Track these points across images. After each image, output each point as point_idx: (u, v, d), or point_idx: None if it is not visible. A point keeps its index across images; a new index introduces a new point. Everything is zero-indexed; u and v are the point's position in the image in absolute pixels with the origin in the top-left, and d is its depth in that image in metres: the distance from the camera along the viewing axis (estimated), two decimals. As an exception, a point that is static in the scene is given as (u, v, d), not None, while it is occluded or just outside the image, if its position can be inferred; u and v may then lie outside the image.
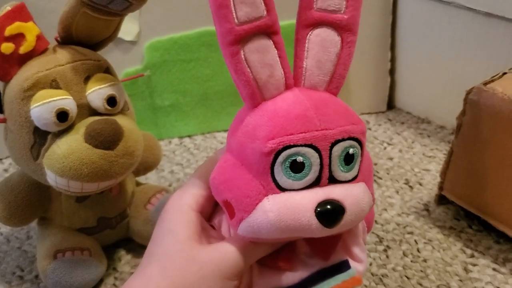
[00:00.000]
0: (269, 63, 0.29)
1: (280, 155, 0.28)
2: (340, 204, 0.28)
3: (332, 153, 0.28)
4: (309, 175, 0.28)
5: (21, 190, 0.43)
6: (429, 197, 0.55)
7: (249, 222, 0.28)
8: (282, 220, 0.27)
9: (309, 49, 0.30)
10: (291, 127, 0.28)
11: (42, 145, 0.38)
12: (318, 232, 0.28)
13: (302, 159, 0.28)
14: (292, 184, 0.28)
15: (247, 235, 0.29)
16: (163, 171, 0.61)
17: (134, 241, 0.49)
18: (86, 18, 0.38)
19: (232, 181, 0.29)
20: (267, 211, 0.28)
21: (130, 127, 0.40)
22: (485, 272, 0.46)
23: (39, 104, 0.37)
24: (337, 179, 0.29)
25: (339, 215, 0.28)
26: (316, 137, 0.28)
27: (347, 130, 0.29)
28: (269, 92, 0.29)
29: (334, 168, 0.28)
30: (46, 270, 0.42)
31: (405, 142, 0.65)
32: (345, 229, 0.29)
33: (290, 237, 0.29)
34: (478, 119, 0.46)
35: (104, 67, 0.40)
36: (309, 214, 0.27)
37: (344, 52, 0.30)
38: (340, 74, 0.31)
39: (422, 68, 0.67)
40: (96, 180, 0.38)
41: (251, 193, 0.28)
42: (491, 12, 0.56)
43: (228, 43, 0.28)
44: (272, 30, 0.28)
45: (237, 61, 0.28)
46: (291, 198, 0.28)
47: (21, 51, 0.38)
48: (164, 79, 0.65)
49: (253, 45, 0.28)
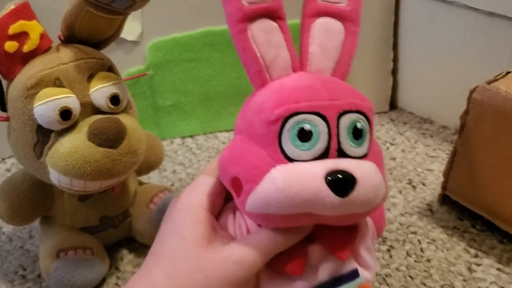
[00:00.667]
0: (275, 44, 0.30)
1: (287, 122, 0.27)
2: (351, 174, 0.27)
3: (340, 123, 0.28)
4: (318, 144, 0.27)
5: (24, 189, 0.43)
6: (432, 197, 0.55)
7: (257, 193, 0.27)
8: (291, 187, 0.26)
9: (314, 36, 0.31)
10: (298, 96, 0.28)
11: (45, 144, 0.38)
12: (329, 201, 0.26)
13: (310, 127, 0.27)
14: (300, 154, 0.27)
15: (256, 211, 0.28)
16: (165, 171, 0.61)
17: (136, 241, 0.49)
18: (89, 17, 0.38)
19: (241, 156, 0.29)
20: (276, 178, 0.27)
21: (133, 126, 0.40)
22: (489, 272, 0.45)
23: (42, 102, 0.37)
24: (346, 153, 0.28)
25: (350, 183, 0.27)
26: (323, 106, 0.28)
27: (354, 103, 0.29)
28: (276, 72, 0.30)
29: (343, 139, 0.28)
30: (49, 269, 0.42)
31: (408, 142, 0.65)
32: (359, 210, 0.28)
33: (301, 213, 0.27)
34: (482, 118, 0.46)
35: (107, 66, 0.40)
36: (319, 180, 0.26)
37: (348, 41, 0.31)
38: (345, 61, 0.31)
39: (424, 68, 0.67)
40: (99, 178, 0.38)
41: (259, 164, 0.28)
42: (494, 11, 0.56)
43: (237, 21, 0.29)
44: (277, 14, 0.30)
45: (245, 38, 0.29)
46: (300, 166, 0.27)
47: (25, 50, 0.38)
48: (166, 79, 0.65)
49: (260, 25, 0.29)
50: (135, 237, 0.49)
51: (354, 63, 0.32)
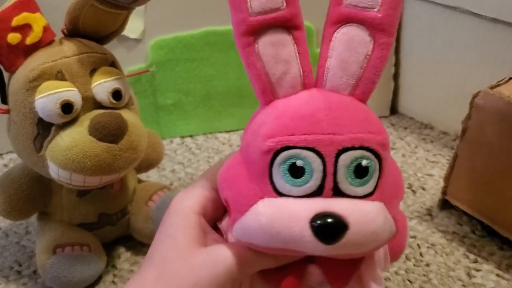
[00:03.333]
0: (285, 59, 0.27)
1: (278, 155, 0.25)
2: (342, 219, 0.24)
3: (339, 161, 0.25)
4: (310, 182, 0.25)
5: (22, 183, 0.42)
6: (432, 201, 0.55)
7: (242, 223, 0.26)
8: (273, 227, 0.25)
9: (334, 48, 0.27)
10: (294, 127, 0.25)
11: (46, 137, 0.38)
12: (312, 247, 0.25)
13: (303, 163, 0.25)
14: (290, 189, 0.25)
15: (241, 239, 0.27)
16: (164, 170, 0.61)
17: (134, 239, 0.48)
18: (93, 11, 0.38)
19: (232, 179, 0.28)
20: (260, 213, 0.25)
21: (135, 122, 0.40)
22: (488, 277, 0.45)
23: (44, 95, 0.36)
24: (344, 193, 0.25)
25: (338, 231, 0.24)
26: (320, 141, 0.25)
27: (359, 138, 0.25)
28: (283, 90, 0.27)
29: (341, 179, 0.25)
30: (45, 265, 0.42)
31: (408, 147, 0.65)
32: (353, 252, 0.26)
33: (286, 248, 0.26)
34: (484, 123, 0.45)
35: (110, 61, 0.40)
36: (303, 224, 0.24)
37: (375, 55, 0.27)
38: (370, 79, 0.27)
39: (426, 73, 0.67)
40: (99, 173, 0.38)
41: (247, 193, 0.26)
42: (497, 17, 0.56)
43: (241, 34, 0.26)
44: (291, 24, 0.27)
45: (249, 53, 0.26)
46: (287, 204, 0.25)
47: (28, 42, 0.38)
48: (168, 78, 0.65)
49: (269, 38, 0.26)
50: (133, 235, 0.48)
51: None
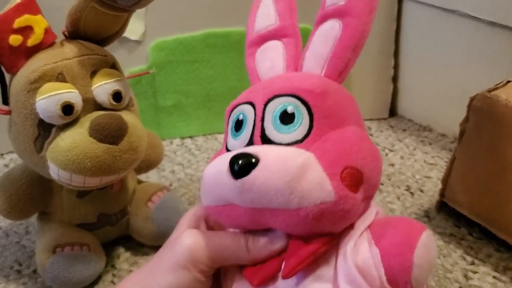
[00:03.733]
0: (271, 57, 0.32)
1: (230, 116, 0.30)
2: (252, 156, 0.25)
3: (267, 108, 0.27)
4: (243, 132, 0.28)
5: (23, 184, 0.43)
6: (429, 204, 0.55)
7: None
8: (205, 175, 0.28)
9: (312, 42, 0.31)
10: (246, 93, 0.30)
11: (46, 138, 0.38)
12: (228, 183, 0.26)
13: (242, 117, 0.28)
14: (234, 144, 0.29)
15: (205, 204, 0.30)
16: (164, 171, 0.61)
17: (133, 239, 0.49)
18: (94, 13, 0.38)
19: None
20: (207, 167, 0.29)
21: (135, 123, 0.40)
22: (485, 279, 0.45)
23: (44, 97, 0.37)
24: (272, 140, 0.26)
25: (248, 166, 0.25)
26: (256, 95, 0.28)
27: (288, 86, 0.27)
28: None
29: (267, 125, 0.27)
30: (45, 264, 0.42)
31: (407, 149, 0.65)
32: (273, 199, 0.25)
33: (224, 202, 0.27)
34: (481, 126, 0.46)
35: (110, 63, 0.41)
36: (223, 166, 0.26)
37: (342, 34, 0.29)
38: (338, 54, 0.29)
39: (425, 76, 0.68)
40: (99, 174, 0.38)
41: (217, 155, 0.30)
42: (495, 21, 0.56)
43: (246, 46, 0.34)
44: (281, 34, 0.33)
45: (250, 60, 0.33)
46: (223, 154, 0.28)
47: (29, 44, 0.38)
48: (168, 79, 0.65)
49: (265, 46, 0.33)
50: (132, 235, 0.48)
51: (354, 69, 0.30)
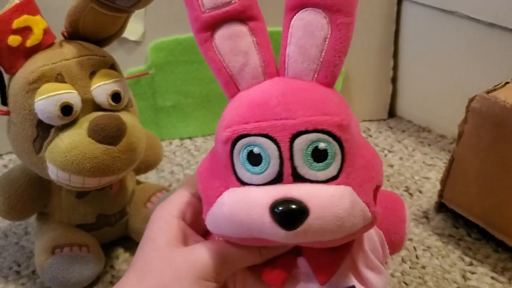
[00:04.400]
0: (243, 50, 0.27)
1: (236, 144, 0.26)
2: (301, 204, 0.24)
3: (294, 146, 0.25)
4: (268, 169, 0.25)
5: (22, 184, 0.43)
6: (428, 204, 0.55)
7: (210, 215, 0.27)
8: (235, 215, 0.25)
9: (292, 34, 0.27)
10: (249, 116, 0.26)
11: (45, 139, 0.38)
12: (274, 233, 0.24)
13: (259, 150, 0.25)
14: (251, 178, 0.26)
15: (213, 231, 0.28)
16: (163, 172, 0.61)
17: (132, 240, 0.49)
18: (93, 14, 0.38)
19: (203, 174, 0.28)
20: (223, 204, 0.26)
21: (134, 124, 0.40)
22: (483, 280, 0.45)
23: (43, 97, 0.37)
24: (305, 177, 0.25)
25: (298, 216, 0.24)
26: (273, 127, 0.25)
27: (312, 121, 0.25)
28: (246, 81, 0.28)
29: (299, 163, 0.25)
30: (44, 265, 0.42)
31: (406, 150, 0.66)
32: (319, 239, 0.25)
33: (253, 237, 0.26)
34: (480, 127, 0.46)
35: (109, 63, 0.41)
36: (262, 210, 0.24)
37: (334, 36, 0.26)
38: (331, 61, 0.27)
39: (424, 77, 0.68)
40: (98, 175, 0.38)
41: (214, 185, 0.27)
42: (494, 22, 0.56)
43: (197, 30, 0.27)
44: (245, 15, 0.27)
45: (207, 48, 0.27)
46: (248, 192, 0.25)
47: (28, 44, 0.38)
48: (167, 80, 0.65)
49: (225, 32, 0.27)
50: (131, 236, 0.48)
51: (353, 70, 0.29)
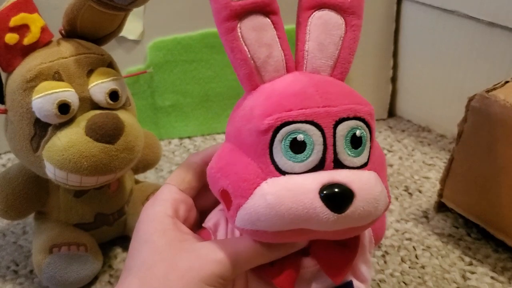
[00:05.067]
0: (267, 43, 0.27)
1: (278, 132, 0.25)
2: (348, 187, 0.25)
3: (337, 132, 0.26)
4: (312, 156, 0.25)
5: (19, 183, 0.42)
6: (428, 204, 0.55)
7: (247, 208, 0.26)
8: (282, 203, 0.25)
9: (311, 31, 0.29)
10: (290, 103, 0.26)
11: (43, 137, 0.38)
12: (324, 218, 0.24)
13: (303, 137, 0.25)
14: (293, 166, 0.25)
15: (246, 226, 0.26)
16: (162, 171, 0.61)
17: (130, 239, 0.48)
18: (91, 12, 0.38)
19: (229, 167, 0.27)
20: (266, 194, 0.25)
21: (131, 123, 0.40)
22: (483, 280, 0.45)
23: (41, 96, 0.37)
24: (344, 164, 0.26)
25: (347, 198, 0.25)
26: (317, 114, 0.25)
27: (352, 109, 0.26)
28: (268, 74, 0.28)
29: (340, 150, 0.26)
30: (41, 265, 0.42)
31: (405, 149, 0.65)
32: (359, 224, 0.26)
33: (294, 228, 0.26)
34: (480, 126, 0.46)
35: (107, 62, 0.40)
36: (313, 195, 0.24)
37: (349, 36, 0.29)
38: (345, 59, 0.29)
39: (423, 77, 0.68)
40: (96, 174, 0.38)
41: (249, 176, 0.26)
42: (494, 21, 0.56)
43: (224, 19, 0.27)
44: (269, 9, 0.27)
45: (233, 38, 0.27)
46: (292, 180, 0.25)
47: (25, 42, 0.38)
48: (166, 79, 0.65)
49: (250, 23, 0.27)
50: (129, 235, 0.48)
51: (353, 69, 0.29)
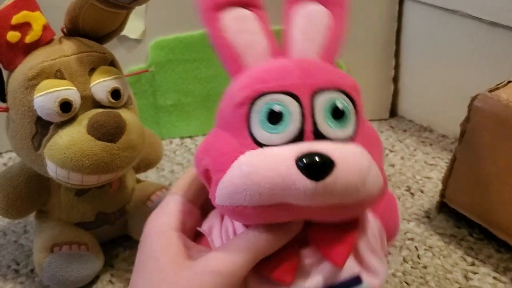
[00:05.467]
0: (249, 30, 0.28)
1: (254, 104, 0.25)
2: (327, 156, 0.24)
3: (315, 103, 0.26)
4: (289, 126, 0.25)
5: (21, 182, 0.42)
6: (430, 204, 0.55)
7: (225, 182, 0.25)
8: (257, 172, 0.24)
9: (297, 22, 0.29)
10: (268, 76, 0.26)
11: (44, 136, 0.38)
12: (302, 186, 0.24)
13: (280, 108, 0.25)
14: (270, 137, 0.25)
15: (225, 203, 0.26)
16: (163, 170, 0.61)
17: (132, 239, 0.48)
18: (93, 10, 0.38)
19: (210, 146, 0.27)
20: (242, 164, 0.25)
21: (133, 121, 0.40)
22: (485, 280, 0.45)
23: (42, 94, 0.37)
24: (326, 136, 0.25)
25: (325, 165, 0.24)
26: (294, 84, 0.26)
27: (333, 80, 0.26)
28: (252, 59, 0.28)
29: (320, 121, 0.25)
30: (42, 263, 0.42)
31: (407, 149, 0.65)
32: (345, 199, 0.25)
33: (274, 203, 0.25)
34: (482, 126, 0.46)
35: (109, 60, 0.40)
36: (289, 163, 0.24)
37: (334, 24, 0.29)
38: (332, 46, 0.29)
39: (425, 76, 0.67)
40: (97, 172, 0.38)
41: (227, 150, 0.26)
42: (496, 21, 0.56)
43: (207, 8, 0.28)
44: (252, 2, 0.29)
45: (216, 25, 0.28)
46: (269, 150, 0.25)
47: (27, 40, 0.38)
48: (168, 79, 0.65)
49: (232, 14, 0.28)
50: (131, 234, 0.48)
51: (355, 69, 0.30)
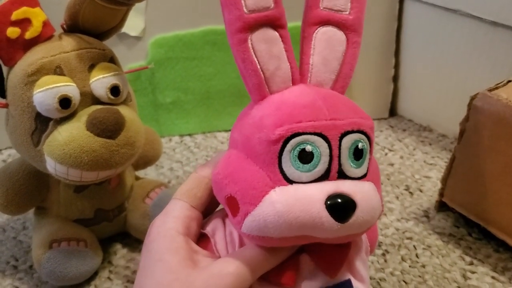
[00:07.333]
0: (276, 55, 0.29)
1: (288, 143, 0.27)
2: (351, 198, 0.26)
3: (342, 144, 0.27)
4: (318, 166, 0.27)
5: (20, 178, 0.42)
6: (429, 203, 0.55)
7: (255, 215, 0.27)
8: (290, 212, 0.26)
9: (316, 46, 0.30)
10: (300, 115, 0.27)
11: (43, 132, 0.38)
12: (329, 227, 0.26)
13: (311, 148, 0.27)
14: (300, 176, 0.27)
15: (252, 233, 0.27)
16: (162, 168, 0.61)
17: (130, 236, 0.48)
18: (93, 6, 0.38)
19: (238, 173, 0.28)
20: (275, 202, 0.26)
21: (132, 118, 0.40)
22: (484, 280, 0.45)
23: (42, 90, 0.37)
24: (347, 174, 0.28)
25: (350, 209, 0.26)
26: (325, 126, 0.27)
27: (356, 122, 0.28)
28: (276, 85, 0.29)
29: (344, 161, 0.27)
30: (41, 260, 0.42)
31: (407, 149, 0.65)
32: (358, 231, 0.28)
33: (300, 235, 0.27)
34: (481, 125, 0.46)
35: (108, 57, 0.40)
36: (319, 205, 0.26)
37: (350, 52, 0.30)
38: (346, 74, 0.30)
39: (425, 76, 0.67)
40: (96, 169, 0.38)
41: (258, 184, 0.27)
42: (496, 21, 0.56)
43: (237, 30, 0.28)
44: (279, 23, 0.29)
45: (245, 49, 0.28)
46: (300, 189, 0.27)
47: (27, 36, 0.38)
48: (167, 76, 0.65)
49: (261, 35, 0.28)
50: (129, 231, 0.48)
51: (355, 68, 0.30)
